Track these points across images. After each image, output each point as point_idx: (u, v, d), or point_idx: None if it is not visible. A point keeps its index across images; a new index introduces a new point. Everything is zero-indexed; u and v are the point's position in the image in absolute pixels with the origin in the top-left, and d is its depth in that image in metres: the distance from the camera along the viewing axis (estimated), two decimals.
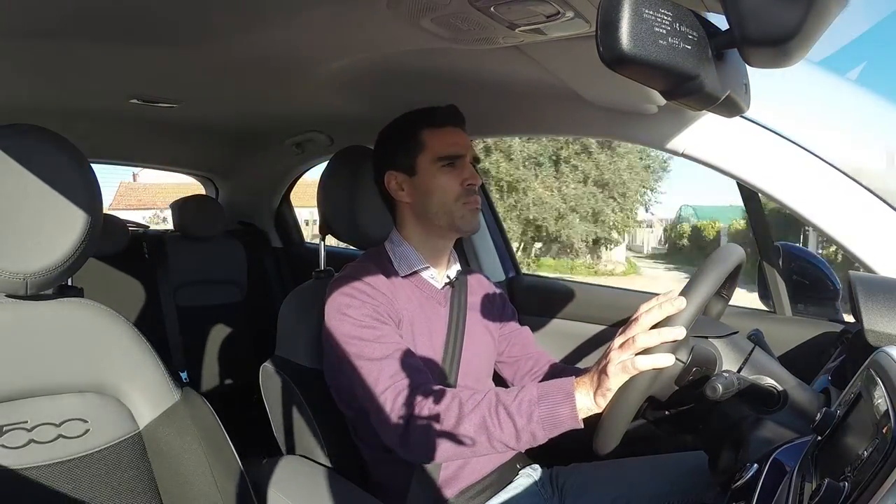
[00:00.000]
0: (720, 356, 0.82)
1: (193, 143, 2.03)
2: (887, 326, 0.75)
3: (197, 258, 2.21)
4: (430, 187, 1.10)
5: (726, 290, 0.94)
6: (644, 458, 1.13)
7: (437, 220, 1.11)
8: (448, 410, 0.90)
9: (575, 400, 0.82)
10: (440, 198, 1.10)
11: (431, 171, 1.10)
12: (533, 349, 1.26)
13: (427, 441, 0.91)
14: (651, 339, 0.75)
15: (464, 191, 1.09)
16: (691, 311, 0.74)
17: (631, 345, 0.76)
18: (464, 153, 1.11)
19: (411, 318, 1.09)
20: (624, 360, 0.76)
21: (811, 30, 0.47)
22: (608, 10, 0.47)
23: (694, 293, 0.75)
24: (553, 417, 0.83)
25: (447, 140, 1.11)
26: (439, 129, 1.11)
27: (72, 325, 0.84)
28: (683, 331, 0.73)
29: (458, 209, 1.10)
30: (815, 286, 1.30)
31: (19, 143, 0.77)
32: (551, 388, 0.86)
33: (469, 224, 1.12)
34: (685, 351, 0.79)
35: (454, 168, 1.10)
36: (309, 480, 1.00)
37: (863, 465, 0.46)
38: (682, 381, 0.81)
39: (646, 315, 0.78)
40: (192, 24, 0.91)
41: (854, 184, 0.93)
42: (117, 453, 0.83)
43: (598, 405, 0.81)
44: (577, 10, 0.76)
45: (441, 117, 1.12)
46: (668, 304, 0.76)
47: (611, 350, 0.79)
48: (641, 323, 0.77)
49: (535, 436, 0.85)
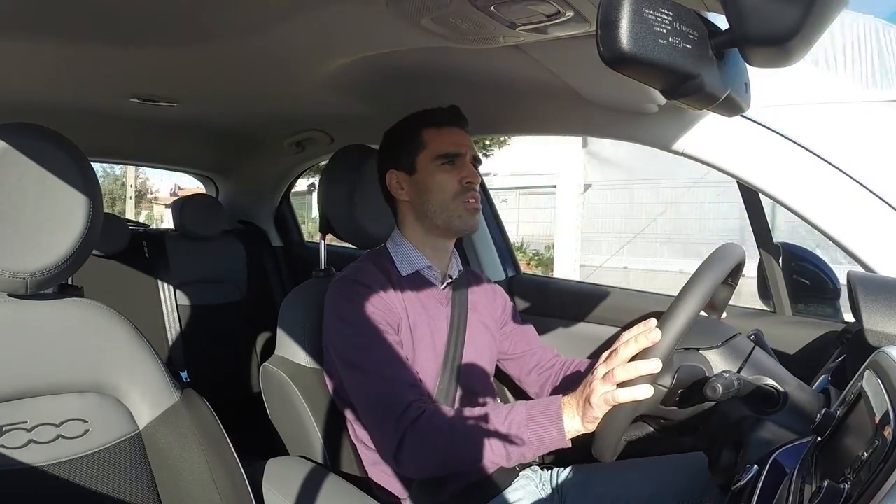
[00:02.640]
0: (710, 368, 0.82)
1: (193, 143, 2.03)
2: (887, 326, 0.75)
3: (197, 257, 2.21)
4: (429, 185, 1.10)
5: (732, 278, 0.93)
6: (644, 459, 1.13)
7: (435, 218, 1.11)
8: (440, 432, 0.92)
9: (563, 422, 0.85)
10: (438, 195, 1.10)
11: (430, 168, 1.10)
12: (537, 344, 1.27)
13: (419, 460, 0.94)
14: (628, 373, 0.76)
15: (462, 188, 1.09)
16: (667, 343, 0.75)
17: (611, 377, 0.78)
18: (463, 151, 1.11)
19: (413, 317, 1.09)
20: (605, 392, 0.78)
21: (812, 29, 0.47)
22: (608, 10, 0.46)
23: (671, 323, 0.75)
24: (541, 440, 0.86)
25: (447, 139, 1.11)
26: (440, 128, 1.12)
27: (72, 325, 0.84)
28: (659, 364, 0.74)
29: (457, 207, 1.10)
30: (815, 286, 1.29)
31: (19, 141, 0.76)
32: (540, 409, 0.88)
33: (466, 223, 1.11)
34: (668, 376, 0.80)
35: (453, 166, 1.10)
36: (308, 480, 1.00)
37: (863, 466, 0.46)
38: (670, 401, 0.82)
39: (623, 347, 0.79)
40: (193, 23, 0.91)
41: (854, 183, 0.93)
42: (117, 453, 0.83)
43: (586, 428, 0.84)
44: (578, 9, 0.76)
45: (442, 117, 1.13)
46: (642, 338, 0.77)
47: (594, 380, 0.81)
48: (620, 355, 0.79)
49: (525, 455, 0.88)
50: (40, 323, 0.82)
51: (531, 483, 1.16)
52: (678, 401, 0.83)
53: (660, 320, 0.77)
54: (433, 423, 0.92)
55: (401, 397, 0.95)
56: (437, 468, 0.97)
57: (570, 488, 1.14)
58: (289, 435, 1.18)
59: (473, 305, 1.20)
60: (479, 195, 1.13)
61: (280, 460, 1.08)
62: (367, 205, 1.22)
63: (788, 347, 1.17)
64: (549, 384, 1.20)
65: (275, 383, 1.15)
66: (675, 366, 0.81)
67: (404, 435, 0.92)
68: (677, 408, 0.84)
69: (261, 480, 0.99)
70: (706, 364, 0.83)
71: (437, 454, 0.93)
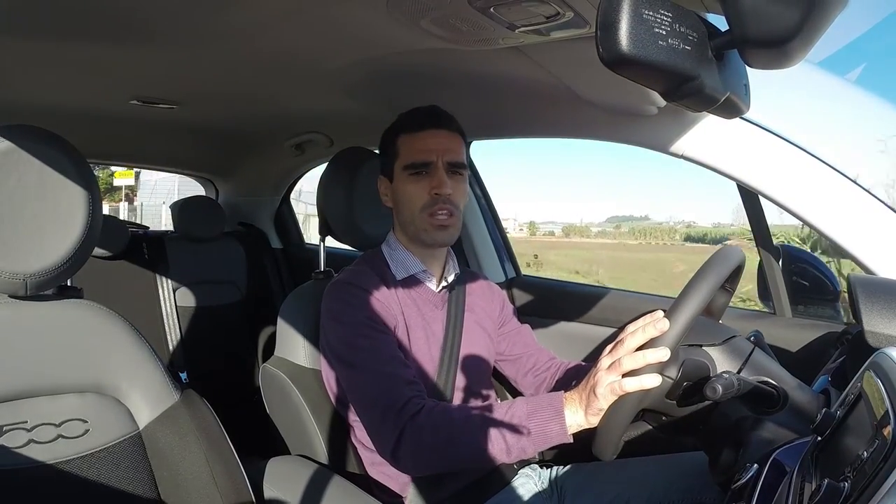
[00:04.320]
0: (714, 365, 0.82)
1: (193, 144, 2.04)
2: (887, 328, 0.75)
3: (197, 259, 2.21)
4: (400, 195, 1.08)
5: (730, 284, 0.93)
6: (644, 459, 1.13)
7: (406, 229, 1.10)
8: (439, 428, 0.91)
9: (564, 417, 0.84)
10: (407, 206, 1.07)
11: (402, 178, 1.07)
12: (534, 346, 1.26)
13: (418, 457, 0.93)
14: (636, 361, 0.76)
15: (430, 200, 1.05)
16: (675, 332, 0.75)
17: (617, 367, 0.77)
18: (433, 159, 1.05)
19: (408, 321, 1.09)
20: (612, 381, 0.77)
21: (811, 30, 0.47)
22: (608, 11, 0.46)
23: (678, 313, 0.75)
24: (543, 434, 0.85)
25: (416, 146, 1.06)
26: (414, 133, 1.07)
27: (72, 326, 0.84)
28: (667, 352, 0.74)
29: (422, 221, 1.06)
30: (814, 287, 1.30)
31: (19, 143, 0.77)
32: (541, 404, 0.87)
33: (432, 238, 1.07)
34: (674, 367, 0.80)
35: (422, 177, 1.05)
36: (308, 480, 1.00)
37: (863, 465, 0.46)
38: (674, 394, 0.82)
39: (630, 337, 0.78)
40: (193, 24, 0.91)
41: (854, 185, 0.93)
42: (117, 453, 0.83)
43: (589, 422, 0.83)
44: (577, 10, 0.76)
45: (417, 121, 1.08)
46: (650, 327, 0.76)
47: (599, 370, 0.80)
48: (626, 345, 0.78)
49: (525, 451, 0.87)
50: (40, 324, 0.82)
51: (530, 481, 1.16)
52: (681, 395, 0.82)
53: (667, 311, 0.77)
54: (432, 418, 0.91)
55: (398, 394, 0.95)
56: (436, 464, 0.95)
57: (569, 486, 1.14)
58: (289, 435, 1.18)
59: (470, 307, 1.20)
60: (451, 207, 1.06)
61: (281, 460, 1.08)
62: (366, 207, 1.23)
63: (788, 348, 1.17)
64: (545, 387, 1.19)
65: (275, 384, 1.15)
66: (680, 358, 0.81)
67: (403, 431, 0.91)
68: (679, 404, 0.84)
69: (261, 480, 0.99)
70: (709, 359, 0.83)
71: (436, 450, 0.91)
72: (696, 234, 44.80)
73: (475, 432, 0.88)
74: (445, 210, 1.05)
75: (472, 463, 0.91)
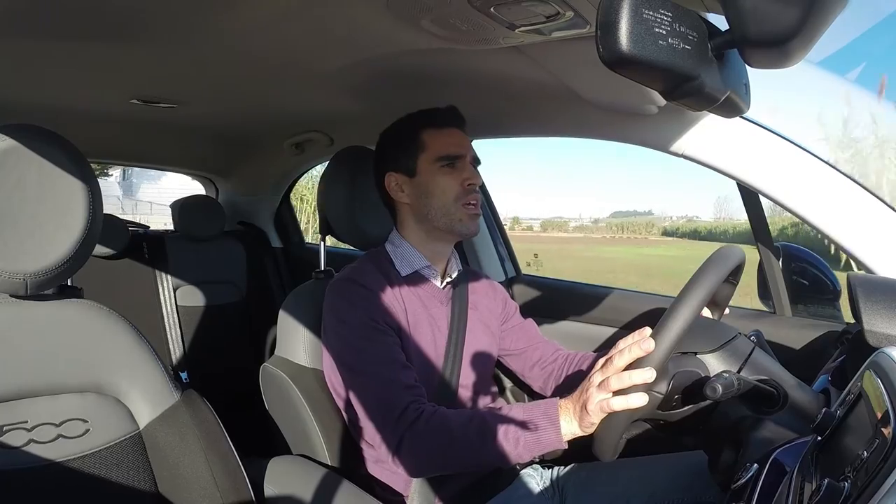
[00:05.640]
0: (708, 373, 0.82)
1: (193, 144, 2.03)
2: (887, 327, 0.75)
3: (197, 258, 2.21)
4: (430, 188, 1.10)
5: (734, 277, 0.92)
6: (644, 458, 1.13)
7: (436, 221, 1.11)
8: (437, 435, 0.92)
9: (560, 427, 0.85)
10: (440, 198, 1.10)
11: (431, 171, 1.10)
12: (539, 339, 1.27)
13: (417, 462, 0.95)
14: (622, 382, 0.76)
15: (463, 191, 1.09)
16: (660, 352, 0.74)
17: (607, 385, 0.78)
18: (464, 153, 1.11)
19: (413, 317, 1.09)
20: (601, 400, 0.78)
21: (811, 30, 0.47)
22: (608, 11, 0.46)
23: (664, 333, 0.75)
24: (538, 442, 0.87)
25: (447, 140, 1.11)
26: (440, 129, 1.11)
27: (72, 326, 0.84)
28: (653, 373, 0.74)
29: (458, 211, 1.10)
30: (814, 287, 1.30)
31: (19, 143, 0.77)
32: (537, 412, 0.88)
33: (467, 228, 1.11)
34: (664, 383, 0.80)
35: (454, 168, 1.10)
36: (309, 480, 1.00)
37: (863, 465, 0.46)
38: (667, 406, 0.82)
39: (618, 356, 0.79)
40: (192, 24, 0.91)
41: (854, 185, 0.93)
42: (118, 453, 0.83)
43: (584, 432, 0.84)
44: (577, 10, 0.76)
45: (442, 118, 1.12)
46: (636, 347, 0.76)
47: (590, 387, 0.81)
48: (615, 364, 0.79)
49: (521, 457, 0.89)
50: (40, 323, 0.82)
51: (532, 481, 1.16)
52: (674, 406, 0.83)
53: (654, 329, 0.77)
54: (430, 425, 0.93)
55: (398, 399, 0.96)
56: (435, 469, 0.98)
57: (570, 486, 1.14)
58: (289, 435, 1.18)
59: (473, 304, 1.21)
60: (480, 197, 1.13)
61: (281, 459, 1.08)
62: (367, 206, 1.22)
63: (788, 348, 1.17)
64: (553, 379, 1.21)
65: (275, 383, 1.15)
66: (670, 373, 0.80)
67: (402, 437, 0.93)
68: (676, 409, 0.84)
69: (262, 479, 0.99)
70: (703, 368, 0.83)
71: (434, 456, 0.93)
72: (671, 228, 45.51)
73: (472, 439, 0.90)
74: (476, 200, 1.11)
75: (469, 468, 0.93)
